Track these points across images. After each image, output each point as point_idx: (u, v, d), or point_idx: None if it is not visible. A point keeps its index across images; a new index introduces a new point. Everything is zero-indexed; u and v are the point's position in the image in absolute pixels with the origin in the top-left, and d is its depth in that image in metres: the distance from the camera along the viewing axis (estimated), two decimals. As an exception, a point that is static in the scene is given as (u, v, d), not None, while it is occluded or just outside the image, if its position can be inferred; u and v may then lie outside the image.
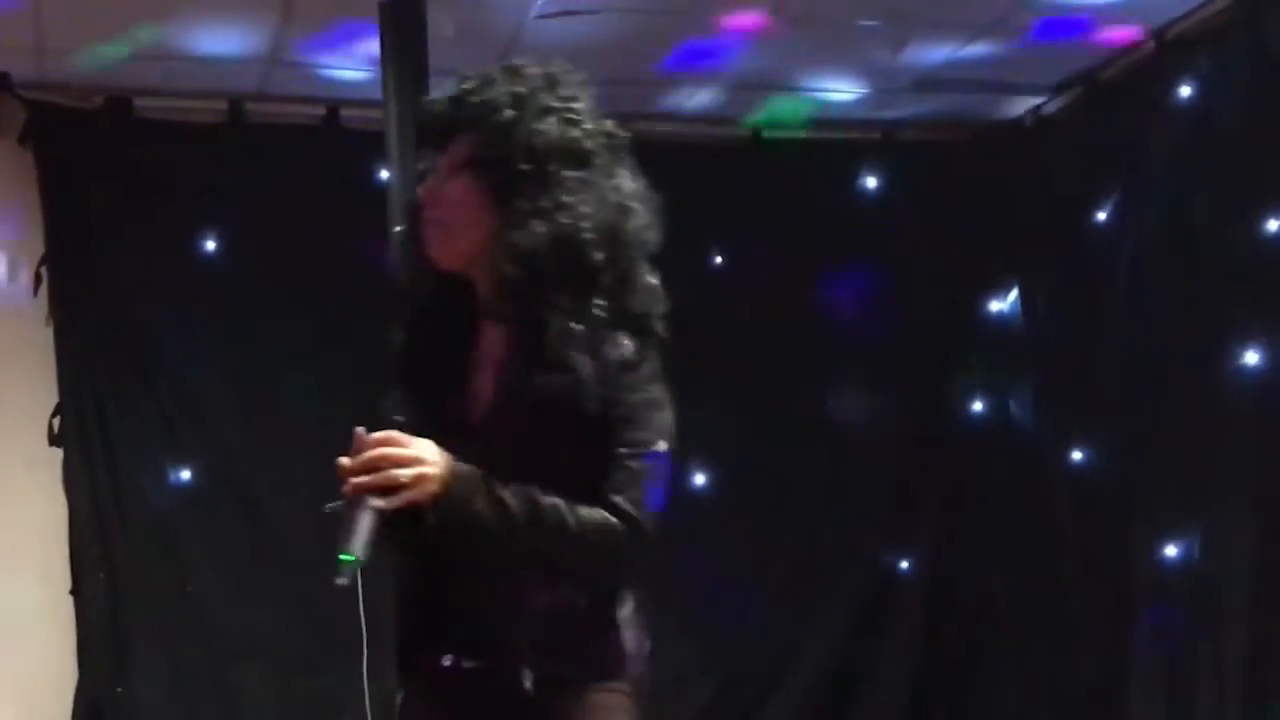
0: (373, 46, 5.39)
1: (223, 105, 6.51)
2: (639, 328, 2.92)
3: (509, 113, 2.90)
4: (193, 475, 6.45)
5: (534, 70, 2.98)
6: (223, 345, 6.45)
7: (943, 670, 7.03)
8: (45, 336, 6.37)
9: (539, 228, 2.84)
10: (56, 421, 6.35)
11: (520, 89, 2.93)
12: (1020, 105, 6.92)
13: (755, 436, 6.84)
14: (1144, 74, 6.24)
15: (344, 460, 2.83)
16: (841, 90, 6.71)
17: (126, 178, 6.38)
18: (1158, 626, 5.79)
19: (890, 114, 6.94)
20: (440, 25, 5.37)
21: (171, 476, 6.44)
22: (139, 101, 6.43)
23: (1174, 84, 6.01)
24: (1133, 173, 6.28)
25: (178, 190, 6.40)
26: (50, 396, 6.35)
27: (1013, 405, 7.02)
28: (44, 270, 6.38)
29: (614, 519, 2.79)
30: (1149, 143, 6.15)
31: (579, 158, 2.92)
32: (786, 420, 6.89)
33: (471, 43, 5.77)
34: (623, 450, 2.83)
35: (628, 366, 2.86)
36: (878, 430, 7.03)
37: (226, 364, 6.46)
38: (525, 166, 2.87)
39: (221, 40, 5.99)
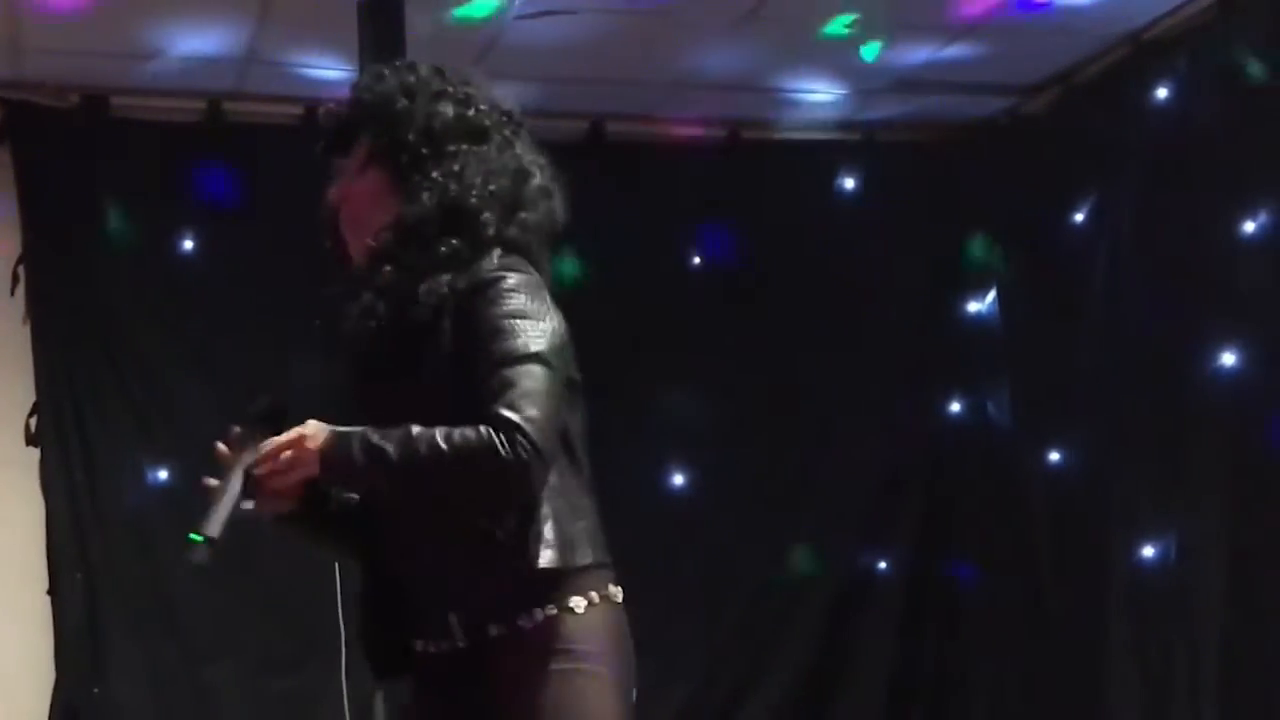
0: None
1: (200, 104, 6.50)
2: (508, 244, 2.92)
3: (403, 101, 2.98)
4: (169, 475, 6.43)
5: (424, 65, 3.06)
6: (199, 345, 6.44)
7: (920, 670, 7.04)
8: (22, 336, 6.35)
9: (428, 198, 2.90)
10: (33, 421, 6.33)
11: (410, 79, 3.01)
12: (998, 106, 6.93)
13: (733, 437, 6.84)
14: (1121, 75, 6.26)
15: (221, 446, 2.95)
16: (820, 91, 6.72)
17: (103, 177, 6.36)
18: None
19: (869, 115, 6.95)
20: (417, 24, 5.37)
21: (148, 476, 6.42)
22: (116, 100, 6.41)
23: (1150, 86, 6.03)
24: (1109, 174, 6.30)
25: (154, 189, 6.39)
26: (27, 396, 6.33)
27: (990, 406, 7.03)
28: (21, 269, 6.36)
29: (493, 430, 2.71)
30: (1126, 144, 6.17)
31: (475, 134, 2.98)
32: (764, 420, 6.89)
33: (450, 43, 5.77)
34: (493, 362, 2.78)
35: (488, 283, 2.84)
36: (856, 430, 7.04)
37: (203, 363, 6.45)
38: (424, 150, 2.94)
39: (199, 39, 5.97)
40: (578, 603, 2.85)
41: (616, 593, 2.95)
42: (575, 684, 2.84)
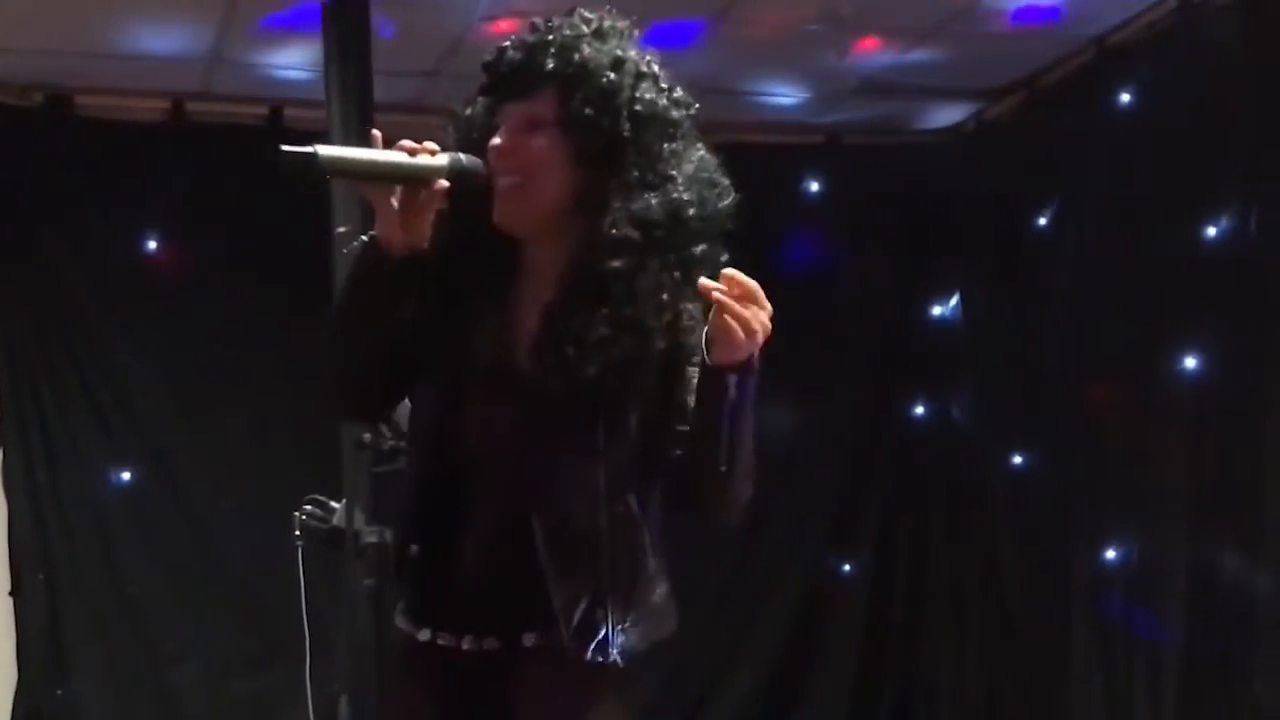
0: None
1: (164, 104, 6.48)
2: (708, 265, 2.84)
3: (611, 75, 2.79)
4: (132, 476, 6.42)
5: (609, 25, 2.86)
6: (163, 345, 6.42)
7: (884, 673, 7.06)
8: (-16, 336, 6.34)
9: (653, 199, 2.78)
10: (-4, 421, 6.32)
11: (614, 50, 2.82)
12: (962, 110, 6.95)
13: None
14: (1084, 80, 6.29)
15: (422, 145, 2.73)
16: (785, 94, 6.73)
17: (67, 176, 6.34)
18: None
19: (833, 118, 6.96)
20: (382, 26, 5.37)
21: (111, 477, 6.42)
22: (80, 99, 6.39)
23: (1114, 90, 6.05)
24: (1073, 177, 6.32)
25: (118, 189, 6.37)
26: (-10, 396, 6.32)
27: (954, 409, 7.05)
28: (-17, 268, 6.35)
29: None
30: (1089, 148, 6.20)
31: (668, 126, 2.85)
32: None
33: (416, 45, 5.77)
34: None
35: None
36: (820, 433, 7.05)
37: (166, 364, 6.43)
38: (625, 134, 2.78)
39: (163, 39, 5.96)
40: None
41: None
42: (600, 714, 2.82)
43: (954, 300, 7.07)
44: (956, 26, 6.00)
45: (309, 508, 4.81)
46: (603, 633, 2.77)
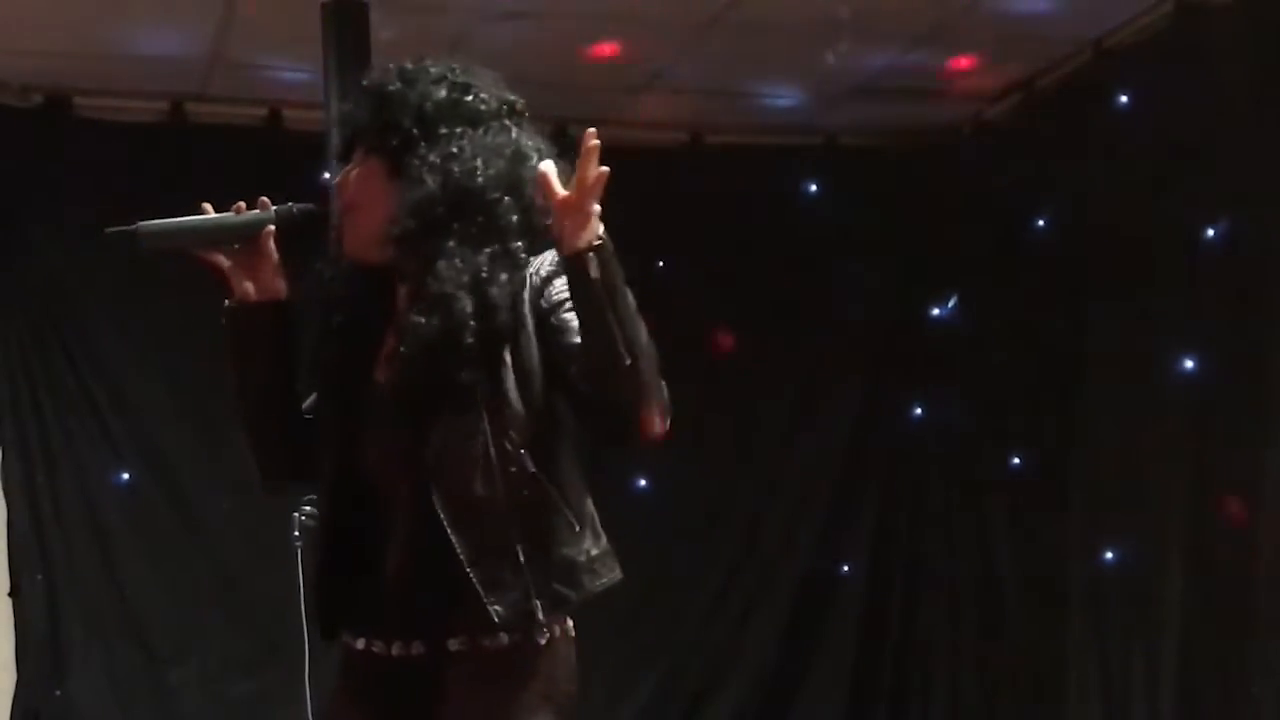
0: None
1: (164, 105, 6.48)
2: (528, 230, 2.90)
3: (397, 84, 2.93)
4: (131, 477, 6.42)
5: (433, 58, 3.01)
6: (161, 347, 6.42)
7: (881, 671, 7.07)
8: (-17, 337, 6.34)
9: (432, 180, 2.85)
10: (-6, 423, 6.32)
11: (410, 66, 2.98)
12: (960, 112, 6.95)
13: (697, 439, 6.84)
14: (1080, 82, 6.30)
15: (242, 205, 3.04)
16: (784, 96, 6.73)
17: (66, 177, 6.34)
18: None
19: (832, 120, 6.96)
20: (381, 27, 5.37)
21: (110, 478, 6.42)
22: (79, 100, 6.40)
23: (1111, 92, 6.06)
24: (1071, 179, 6.33)
25: (117, 190, 6.36)
26: (-12, 398, 6.32)
27: (952, 410, 7.05)
28: (-19, 270, 6.35)
29: None
30: (1087, 149, 6.20)
31: (470, 119, 2.93)
32: (727, 422, 6.90)
33: (416, 46, 5.76)
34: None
35: (554, 276, 2.85)
36: (819, 434, 7.06)
37: (164, 365, 6.44)
38: (415, 131, 2.89)
39: (163, 40, 5.96)
40: (543, 633, 2.84)
41: (571, 626, 2.93)
42: (525, 714, 2.82)
43: (952, 301, 7.07)
44: (954, 28, 6.01)
45: (307, 508, 4.81)
46: (529, 594, 2.80)
